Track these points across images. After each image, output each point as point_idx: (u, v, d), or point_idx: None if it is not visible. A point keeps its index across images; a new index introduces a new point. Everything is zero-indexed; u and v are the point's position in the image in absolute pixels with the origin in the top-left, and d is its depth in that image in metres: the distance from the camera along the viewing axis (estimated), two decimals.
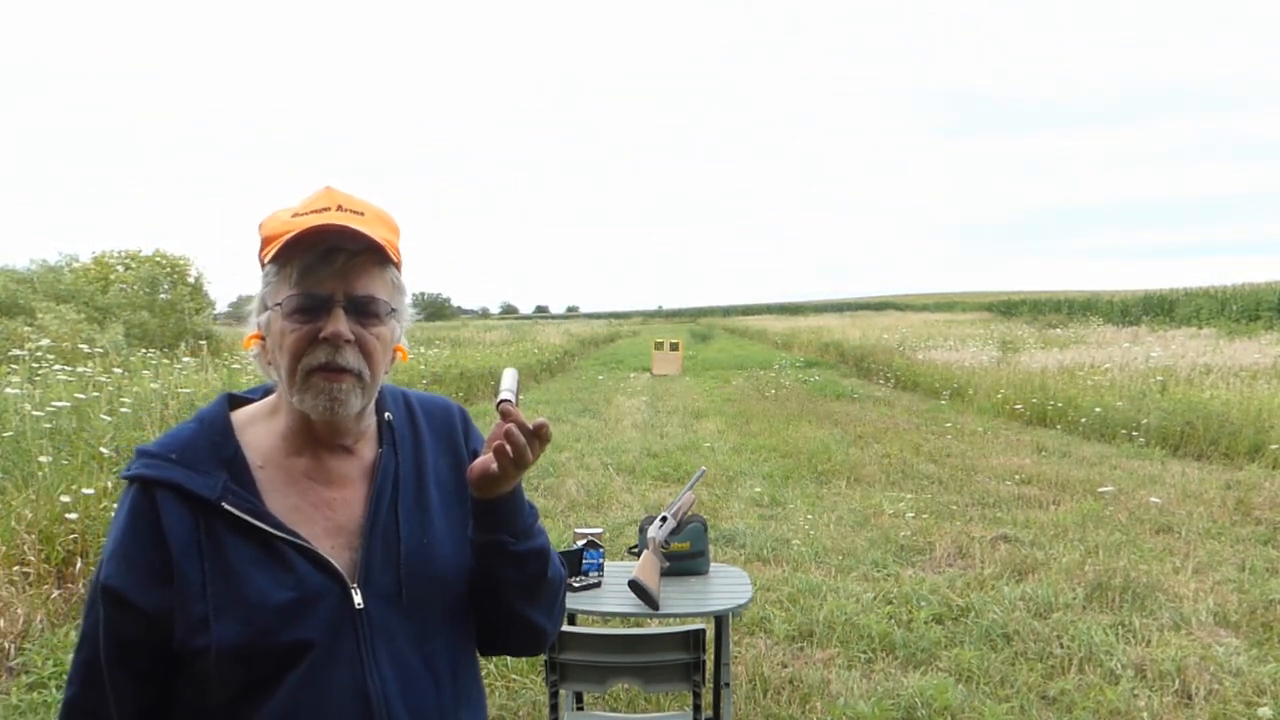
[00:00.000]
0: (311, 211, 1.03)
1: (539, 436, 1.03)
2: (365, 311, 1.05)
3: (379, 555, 1.07)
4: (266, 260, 1.05)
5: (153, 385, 6.82)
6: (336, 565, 1.04)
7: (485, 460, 1.04)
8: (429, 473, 1.16)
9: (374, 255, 1.05)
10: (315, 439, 1.09)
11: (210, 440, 1.06)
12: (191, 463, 1.03)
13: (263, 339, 1.07)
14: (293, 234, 1.01)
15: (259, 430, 1.10)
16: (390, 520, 1.09)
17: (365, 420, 1.12)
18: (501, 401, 1.03)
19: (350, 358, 1.03)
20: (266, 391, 1.15)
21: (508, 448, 1.01)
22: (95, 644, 1.03)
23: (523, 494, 1.12)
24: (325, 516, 1.07)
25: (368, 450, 1.13)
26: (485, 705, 1.22)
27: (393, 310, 1.08)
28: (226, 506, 1.01)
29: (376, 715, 1.03)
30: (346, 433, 1.10)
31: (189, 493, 1.01)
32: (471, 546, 1.12)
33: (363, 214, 1.06)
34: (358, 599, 1.04)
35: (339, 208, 1.04)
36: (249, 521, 1.02)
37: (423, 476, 1.15)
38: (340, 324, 1.02)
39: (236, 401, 1.15)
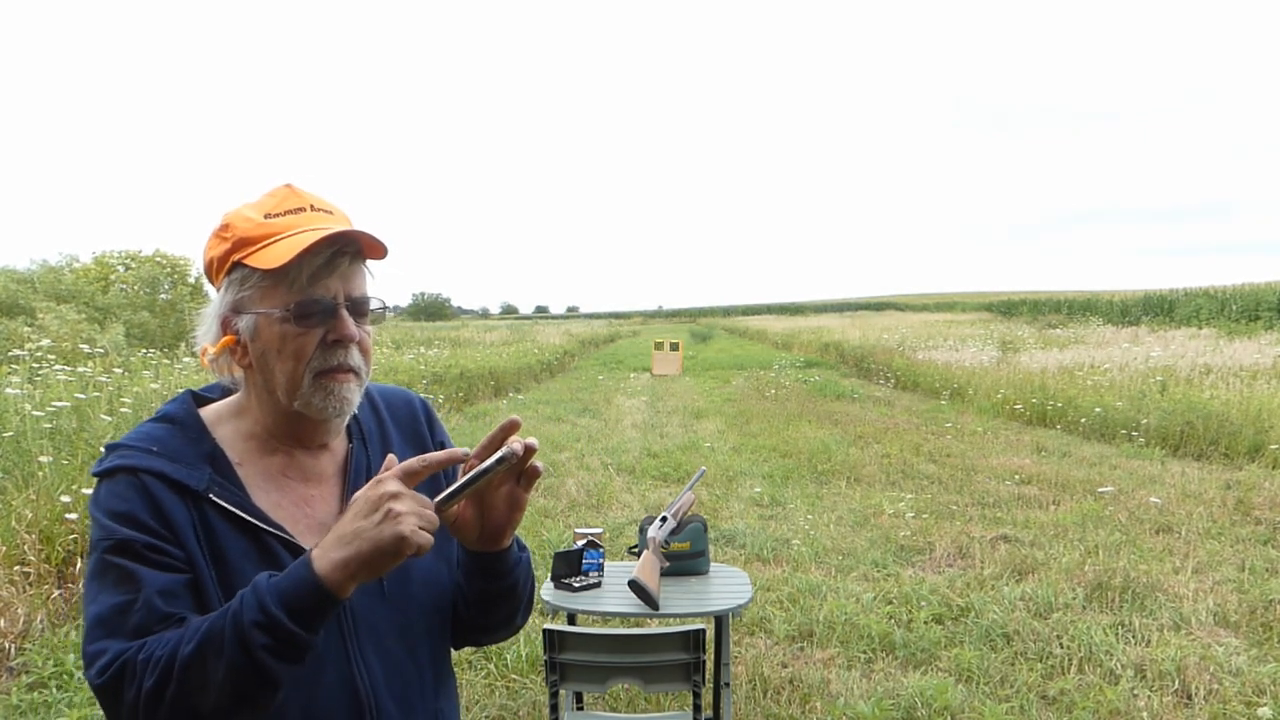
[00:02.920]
0: (287, 212, 1.04)
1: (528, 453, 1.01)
2: (361, 312, 1.07)
3: None
4: (261, 265, 1.01)
5: (153, 385, 6.82)
6: None
7: (501, 519, 1.05)
8: None
9: (360, 255, 1.07)
10: (294, 438, 1.10)
11: (187, 437, 1.05)
12: (174, 456, 1.02)
13: (235, 344, 1.05)
14: (318, 239, 0.99)
15: (228, 429, 1.09)
16: None
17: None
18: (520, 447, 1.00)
19: (355, 357, 1.06)
20: (224, 390, 1.14)
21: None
22: (124, 604, 0.93)
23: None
24: (305, 513, 1.08)
25: (339, 446, 1.15)
26: (457, 692, 1.26)
27: (383, 307, 1.10)
28: (214, 498, 1.01)
29: (365, 706, 1.04)
30: (330, 431, 1.12)
31: (176, 482, 1.00)
32: (472, 596, 1.14)
33: (331, 213, 1.07)
34: None
35: (312, 208, 1.06)
36: (237, 514, 1.01)
37: None
38: (351, 326, 1.04)
39: (198, 399, 1.14)
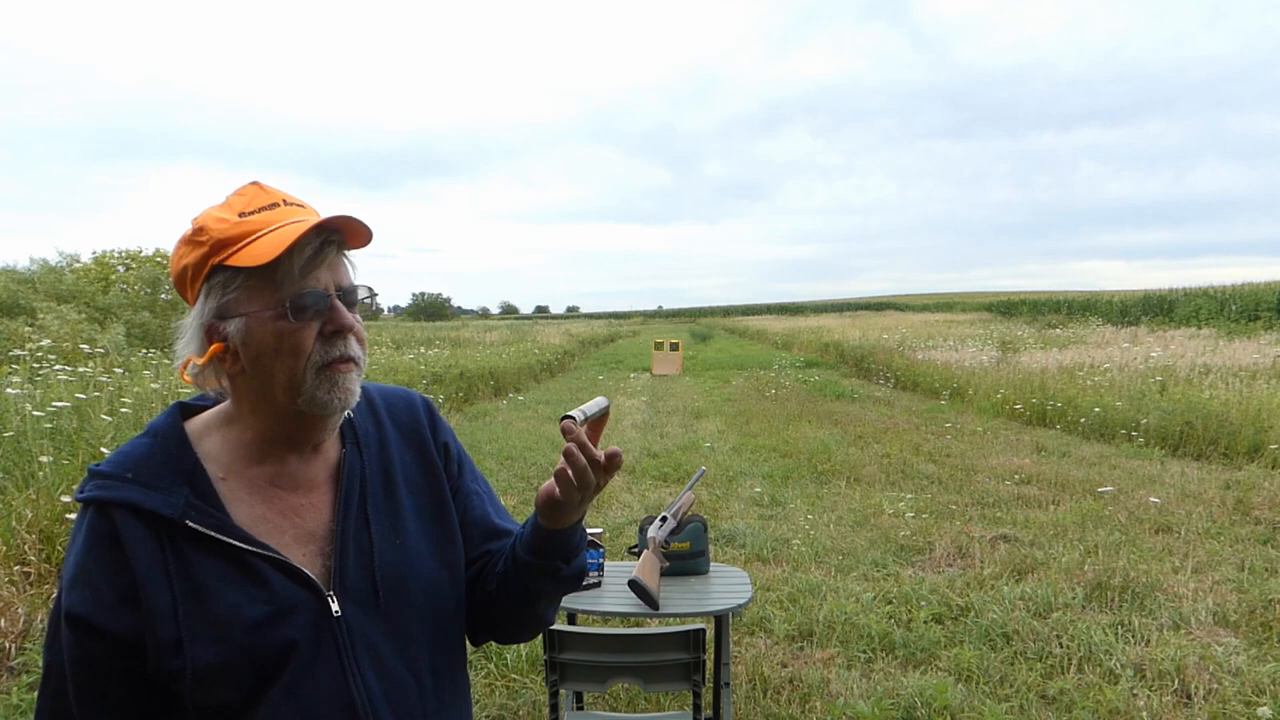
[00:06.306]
0: (260, 209, 1.01)
1: (610, 465, 1.03)
2: (352, 301, 1.04)
3: (353, 560, 1.05)
4: (248, 264, 0.97)
5: (153, 385, 6.83)
6: (310, 574, 1.02)
7: (548, 487, 1.05)
8: (397, 471, 1.14)
9: (344, 245, 1.04)
10: (289, 442, 1.06)
11: (166, 454, 1.02)
12: (149, 481, 0.99)
13: (224, 351, 1.00)
14: (307, 229, 0.97)
15: (216, 440, 1.05)
16: (361, 523, 1.07)
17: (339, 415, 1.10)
18: (563, 419, 1.01)
19: (354, 347, 1.03)
20: (215, 399, 1.10)
21: (568, 470, 1.01)
22: (62, 677, 0.98)
23: (582, 524, 1.14)
24: (293, 524, 1.05)
25: (332, 451, 1.11)
26: (469, 701, 1.22)
27: (370, 295, 1.07)
28: (190, 524, 0.97)
29: None
30: (328, 429, 1.08)
31: (149, 512, 0.97)
32: (517, 563, 1.13)
33: (303, 206, 1.04)
34: (335, 607, 1.02)
35: (285, 202, 1.02)
36: (216, 537, 0.98)
37: (390, 475, 1.13)
38: (348, 315, 1.02)
39: (188, 410, 1.10)
